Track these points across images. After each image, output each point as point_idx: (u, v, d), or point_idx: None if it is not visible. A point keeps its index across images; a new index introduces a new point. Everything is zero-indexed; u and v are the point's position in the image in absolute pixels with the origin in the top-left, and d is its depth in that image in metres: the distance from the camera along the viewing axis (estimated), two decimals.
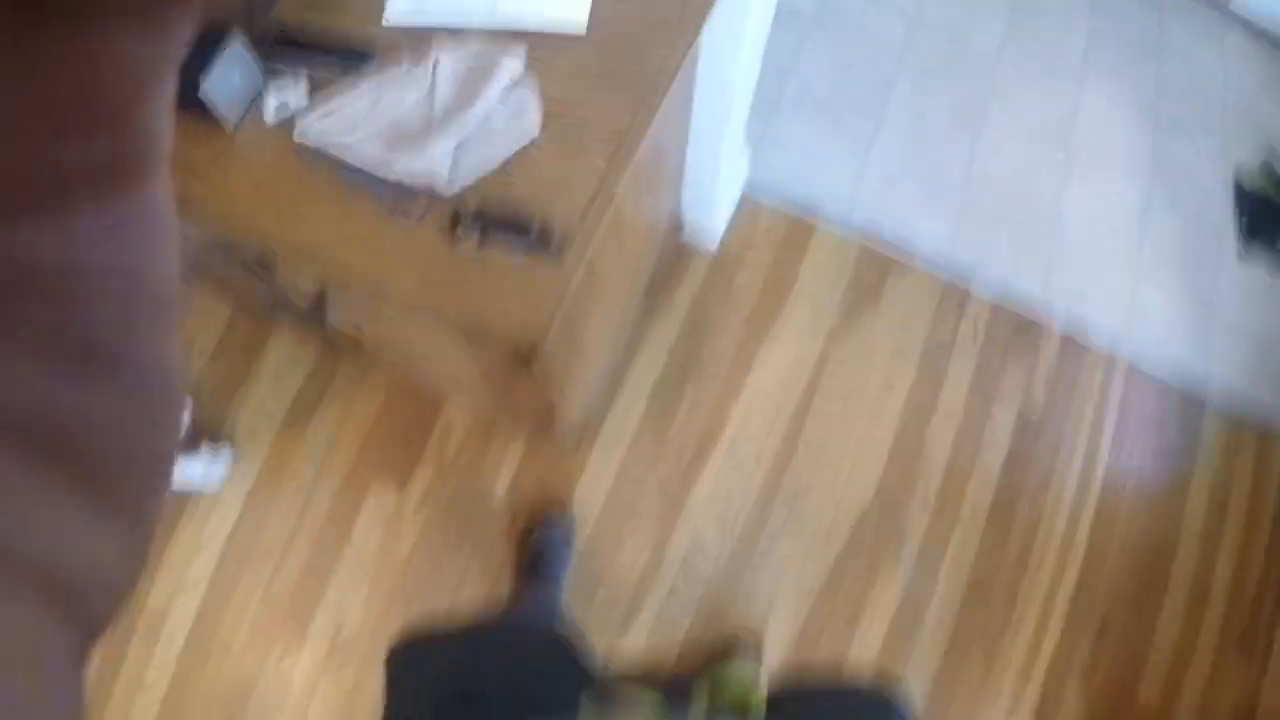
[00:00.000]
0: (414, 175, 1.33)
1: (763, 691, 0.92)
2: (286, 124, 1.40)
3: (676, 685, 2.10)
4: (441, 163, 1.32)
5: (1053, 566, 2.39)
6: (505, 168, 1.36)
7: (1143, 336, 2.62)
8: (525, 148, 1.37)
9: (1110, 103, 2.89)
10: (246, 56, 1.39)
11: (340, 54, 1.44)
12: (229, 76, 1.36)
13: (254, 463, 2.32)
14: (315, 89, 1.42)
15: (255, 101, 1.42)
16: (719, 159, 2.12)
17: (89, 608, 0.29)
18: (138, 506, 0.31)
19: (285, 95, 1.41)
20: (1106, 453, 2.50)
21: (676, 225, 2.38)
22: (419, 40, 1.43)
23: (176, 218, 0.32)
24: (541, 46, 1.43)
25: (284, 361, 2.38)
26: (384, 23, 1.47)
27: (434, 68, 1.40)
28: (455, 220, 1.31)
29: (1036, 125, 2.82)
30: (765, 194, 2.57)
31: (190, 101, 1.34)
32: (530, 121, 1.38)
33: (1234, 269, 2.74)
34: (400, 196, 1.33)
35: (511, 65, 1.40)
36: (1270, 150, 2.91)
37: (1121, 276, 2.68)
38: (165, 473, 0.33)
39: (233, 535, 2.27)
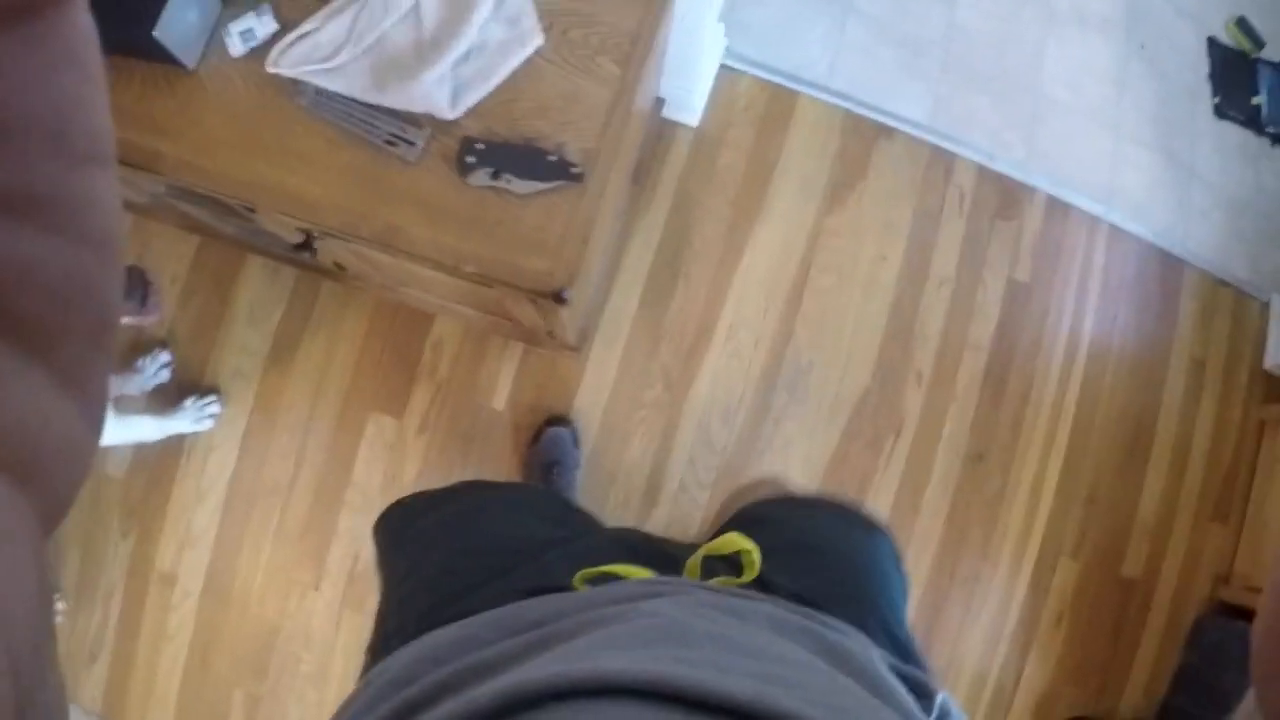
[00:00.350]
0: (410, 104, 1.18)
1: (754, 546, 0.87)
2: (257, 56, 1.23)
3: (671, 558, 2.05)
4: (439, 87, 1.17)
5: (1044, 434, 2.38)
6: (509, 85, 1.21)
7: (1124, 198, 2.55)
8: (529, 60, 1.22)
9: None
10: None
11: None
12: (183, 13, 1.19)
13: (244, 404, 2.17)
14: (285, 12, 1.25)
15: (217, 36, 1.24)
16: (700, 31, 1.97)
17: (48, 476, 0.27)
18: (84, 363, 0.30)
19: (248, 22, 1.24)
20: (1091, 316, 2.46)
21: (657, 103, 2.22)
22: None
23: (99, 44, 0.31)
24: None
25: (260, 293, 2.21)
26: None
27: None
28: (462, 153, 1.16)
29: None
30: (744, 63, 2.41)
31: (145, 47, 1.17)
32: (530, 30, 1.23)
33: (1210, 127, 2.67)
34: (396, 129, 1.18)
35: None
36: (1245, 5, 2.79)
37: (1102, 138, 2.59)
38: (108, 323, 0.32)
39: (234, 481, 2.15)
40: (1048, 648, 2.31)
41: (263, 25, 1.24)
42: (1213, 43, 2.73)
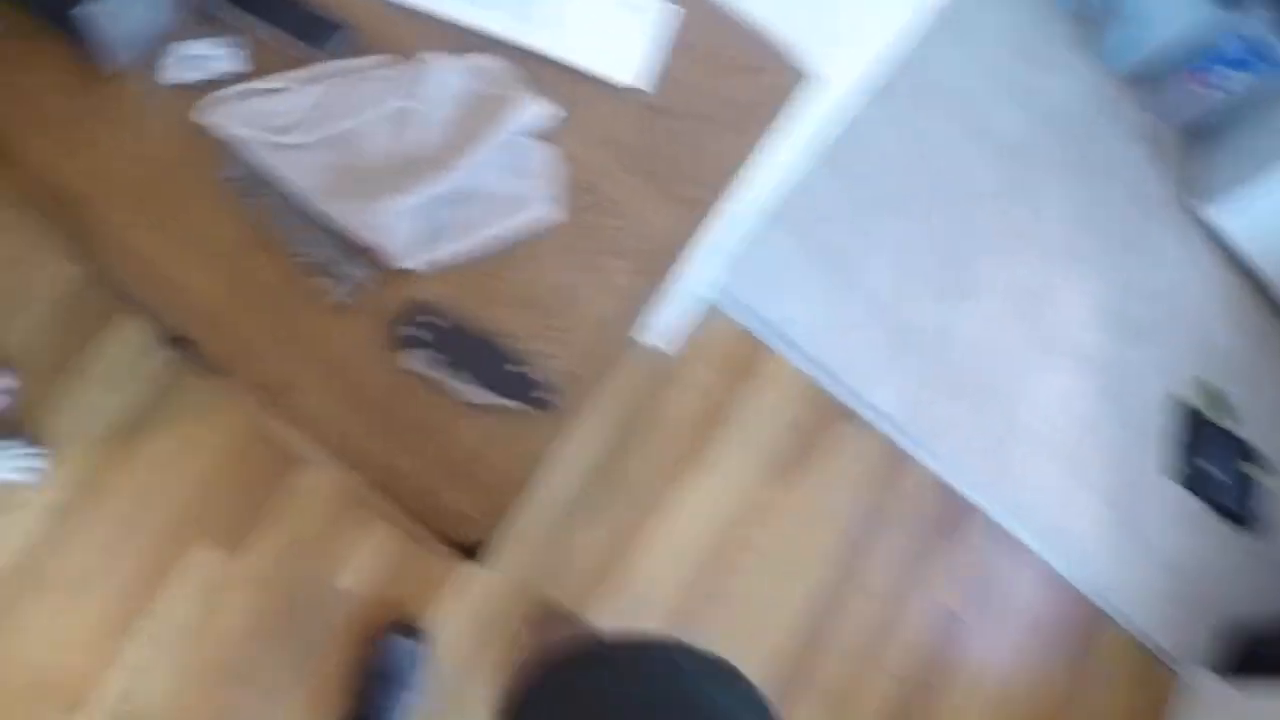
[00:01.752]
0: (358, 227, 0.82)
1: None
2: (197, 91, 0.87)
3: None
4: (400, 221, 0.82)
5: None
6: (496, 254, 0.86)
7: (1067, 541, 2.43)
8: (532, 231, 0.87)
9: (1080, 291, 2.79)
10: None
11: (298, 13, 0.93)
12: (123, 4, 0.83)
13: (70, 474, 1.68)
14: (260, 59, 0.90)
15: (165, 48, 0.88)
16: (703, 260, 1.68)
17: None
18: None
19: (202, 48, 0.88)
20: (1006, 658, 2.24)
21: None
22: (414, 28, 0.94)
23: None
24: (579, 92, 0.96)
25: (129, 359, 1.75)
26: None
27: (421, 74, 0.91)
28: (402, 320, 0.79)
29: (1012, 300, 2.65)
30: (729, 300, 2.19)
31: (62, 20, 0.81)
32: (543, 193, 0.89)
33: (1161, 487, 2.62)
34: (330, 254, 0.82)
35: (536, 107, 0.91)
36: (1208, 365, 2.89)
37: (1061, 476, 2.48)
38: None
39: (26, 555, 1.62)
40: None
41: (220, 58, 0.89)
42: (1174, 399, 2.77)
